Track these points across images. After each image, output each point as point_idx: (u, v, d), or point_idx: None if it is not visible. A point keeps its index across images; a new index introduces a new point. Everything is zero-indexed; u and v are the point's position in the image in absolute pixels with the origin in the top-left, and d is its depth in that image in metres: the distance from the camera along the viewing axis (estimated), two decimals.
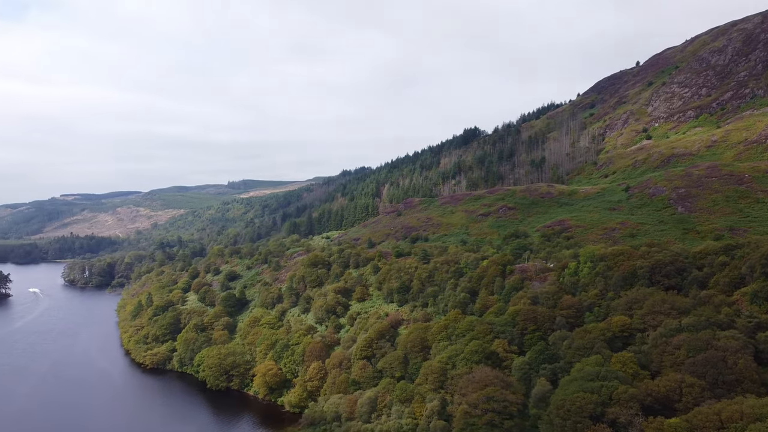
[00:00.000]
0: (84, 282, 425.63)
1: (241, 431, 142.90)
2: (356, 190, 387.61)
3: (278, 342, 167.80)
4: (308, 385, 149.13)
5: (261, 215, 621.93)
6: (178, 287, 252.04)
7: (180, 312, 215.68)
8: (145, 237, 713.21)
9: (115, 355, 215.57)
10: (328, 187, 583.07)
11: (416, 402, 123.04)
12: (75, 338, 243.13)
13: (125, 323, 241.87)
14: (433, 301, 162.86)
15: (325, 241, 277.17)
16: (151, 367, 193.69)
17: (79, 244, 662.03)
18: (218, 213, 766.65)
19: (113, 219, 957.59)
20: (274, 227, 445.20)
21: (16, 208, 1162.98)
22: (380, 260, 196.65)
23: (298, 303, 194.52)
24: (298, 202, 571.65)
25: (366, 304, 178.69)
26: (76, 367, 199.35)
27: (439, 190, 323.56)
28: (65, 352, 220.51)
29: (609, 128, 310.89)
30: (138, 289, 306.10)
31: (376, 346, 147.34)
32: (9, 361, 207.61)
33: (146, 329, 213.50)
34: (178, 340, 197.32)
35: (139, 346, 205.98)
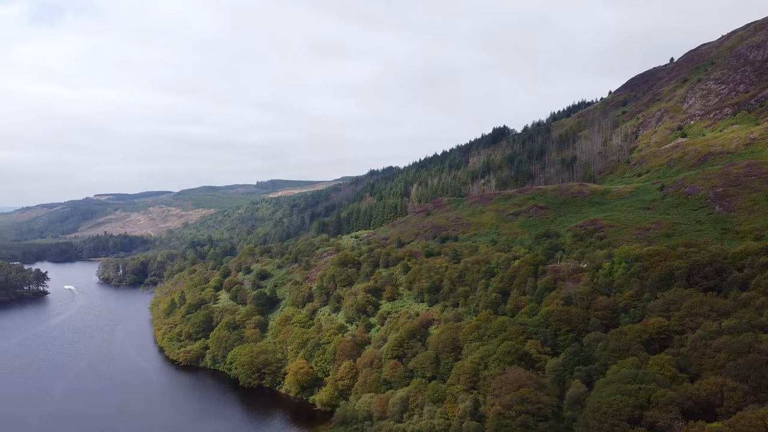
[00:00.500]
0: (118, 280, 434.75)
1: (274, 429, 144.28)
2: (384, 190, 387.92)
3: (309, 341, 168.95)
4: (339, 383, 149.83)
5: (289, 215, 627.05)
6: (210, 286, 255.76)
7: (212, 310, 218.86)
8: (176, 236, 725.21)
9: (149, 352, 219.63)
10: (356, 187, 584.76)
11: (448, 402, 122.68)
12: (111, 335, 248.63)
13: (159, 321, 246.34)
14: (464, 301, 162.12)
15: (354, 241, 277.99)
16: (184, 364, 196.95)
17: (112, 243, 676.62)
18: (247, 212, 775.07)
19: (145, 218, 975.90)
20: (303, 227, 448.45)
21: (52, 208, 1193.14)
22: (410, 260, 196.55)
23: (328, 302, 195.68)
24: (326, 202, 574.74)
25: (396, 304, 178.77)
26: (113, 363, 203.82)
27: (468, 190, 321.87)
28: (102, 348, 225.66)
29: (642, 126, 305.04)
30: (170, 287, 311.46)
31: (407, 345, 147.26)
32: (48, 356, 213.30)
33: (179, 327, 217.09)
34: (210, 337, 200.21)
35: (173, 343, 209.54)
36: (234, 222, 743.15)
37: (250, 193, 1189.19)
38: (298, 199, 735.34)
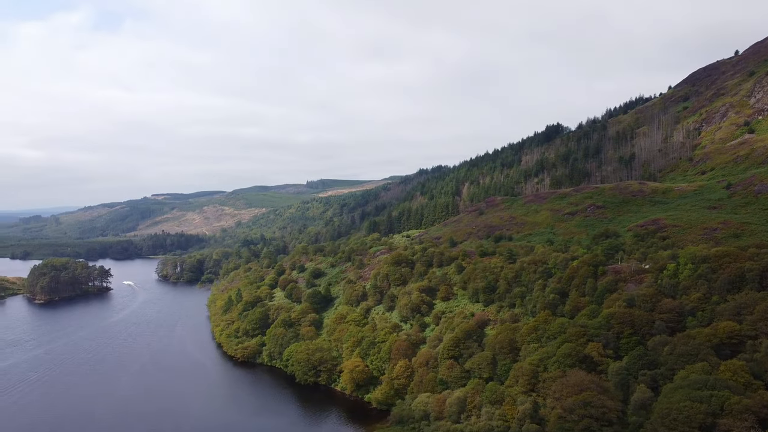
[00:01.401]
0: (176, 277, 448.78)
1: (330, 426, 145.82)
2: (435, 189, 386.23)
3: (364, 339, 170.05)
4: (395, 382, 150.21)
5: (339, 214, 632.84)
6: (265, 284, 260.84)
7: (268, 308, 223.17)
8: (229, 235, 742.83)
9: (207, 348, 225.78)
10: (405, 186, 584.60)
11: (507, 404, 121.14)
12: (170, 330, 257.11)
13: (216, 317, 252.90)
14: (520, 301, 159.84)
15: (405, 240, 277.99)
16: (242, 360, 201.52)
17: (170, 241, 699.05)
18: (298, 212, 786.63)
19: (200, 217, 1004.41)
20: (353, 226, 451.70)
21: (113, 207, 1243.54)
22: (464, 259, 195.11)
23: (382, 301, 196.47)
24: (376, 201, 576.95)
25: (451, 303, 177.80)
26: (173, 358, 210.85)
27: (521, 189, 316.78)
28: (162, 342, 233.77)
29: (705, 122, 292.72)
30: (226, 284, 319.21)
31: (463, 345, 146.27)
32: (113, 350, 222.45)
33: (237, 324, 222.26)
34: (267, 334, 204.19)
35: (231, 339, 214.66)
36: (285, 221, 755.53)
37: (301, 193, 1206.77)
38: (347, 198, 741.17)
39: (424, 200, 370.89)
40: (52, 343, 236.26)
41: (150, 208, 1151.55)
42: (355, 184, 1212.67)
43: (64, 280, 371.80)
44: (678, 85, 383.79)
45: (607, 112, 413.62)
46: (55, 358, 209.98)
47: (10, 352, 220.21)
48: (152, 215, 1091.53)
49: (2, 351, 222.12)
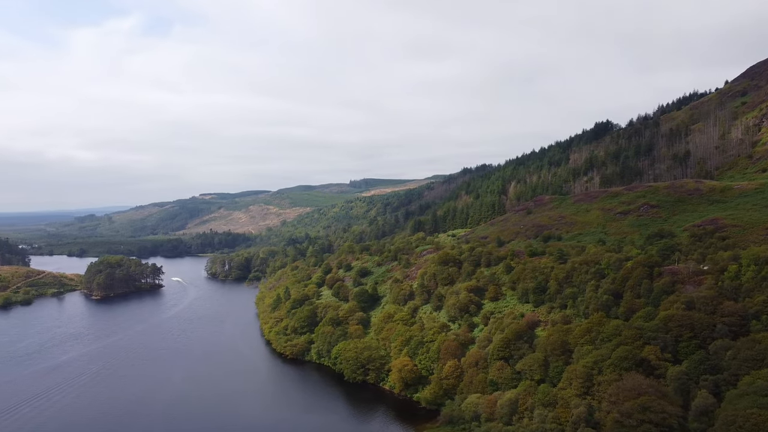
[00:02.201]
0: (224, 275, 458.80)
1: (379, 424, 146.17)
2: (481, 188, 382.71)
3: (412, 339, 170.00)
4: (444, 382, 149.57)
5: (383, 213, 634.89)
6: (312, 282, 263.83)
7: (316, 306, 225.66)
8: (275, 233, 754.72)
9: (256, 344, 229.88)
10: (449, 185, 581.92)
11: (560, 407, 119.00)
12: (221, 327, 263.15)
13: (265, 315, 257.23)
14: (572, 302, 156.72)
15: (451, 239, 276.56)
16: (291, 357, 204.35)
17: (218, 240, 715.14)
18: (342, 211, 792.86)
19: (246, 216, 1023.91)
20: (397, 225, 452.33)
21: (162, 207, 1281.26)
22: (513, 259, 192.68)
23: (429, 300, 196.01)
24: (420, 200, 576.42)
25: (500, 304, 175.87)
26: (225, 353, 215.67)
27: (569, 187, 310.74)
28: (213, 339, 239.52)
29: (766, 117, 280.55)
30: (274, 282, 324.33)
31: (514, 347, 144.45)
32: (167, 345, 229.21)
33: (285, 321, 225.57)
34: (315, 332, 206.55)
35: (279, 337, 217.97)
36: (330, 220, 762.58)
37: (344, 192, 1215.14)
38: (391, 197, 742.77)
39: (470, 199, 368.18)
40: (109, 337, 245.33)
41: (198, 208, 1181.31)
42: (397, 183, 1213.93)
43: (118, 277, 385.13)
44: (735, 80, 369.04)
45: (659, 108, 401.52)
46: (112, 352, 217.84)
47: (70, 346, 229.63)
48: (200, 214, 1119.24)
49: (64, 344, 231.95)
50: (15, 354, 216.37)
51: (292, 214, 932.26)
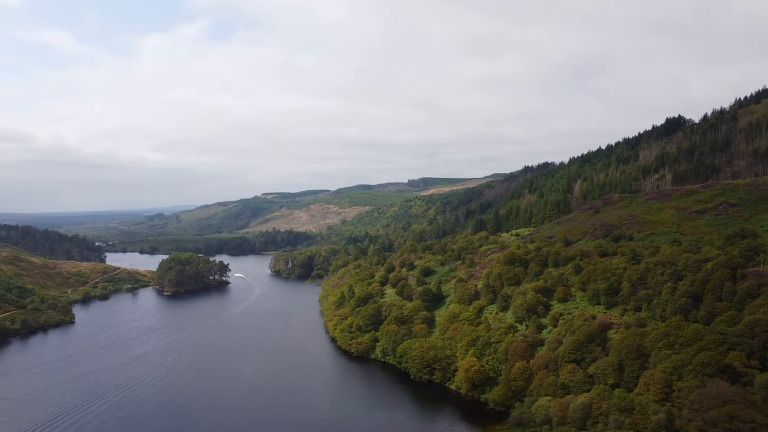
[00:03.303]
0: (287, 273, 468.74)
1: (446, 424, 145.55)
2: (545, 187, 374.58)
3: (479, 339, 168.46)
4: (513, 384, 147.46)
5: (442, 212, 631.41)
6: (375, 280, 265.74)
7: (380, 304, 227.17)
8: (335, 232, 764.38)
9: (321, 341, 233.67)
10: (510, 184, 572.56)
11: (637, 413, 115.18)
12: (287, 323, 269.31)
13: (329, 312, 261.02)
14: (646, 305, 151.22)
15: (514, 239, 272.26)
16: (355, 354, 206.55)
17: (280, 238, 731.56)
18: (401, 210, 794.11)
19: (306, 215, 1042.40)
20: (458, 224, 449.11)
21: (226, 206, 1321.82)
22: (582, 259, 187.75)
23: (495, 300, 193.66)
24: (480, 199, 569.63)
25: (569, 305, 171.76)
26: (291, 349, 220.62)
27: (639, 186, 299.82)
28: (280, 334, 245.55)
29: None
30: (337, 281, 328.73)
31: (586, 349, 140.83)
32: (237, 340, 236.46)
33: (350, 319, 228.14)
34: (380, 330, 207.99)
35: (344, 334, 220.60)
36: (389, 219, 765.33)
37: (402, 191, 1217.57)
38: (450, 196, 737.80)
39: (533, 198, 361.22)
40: (182, 331, 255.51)
41: (260, 207, 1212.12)
42: (456, 182, 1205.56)
43: (188, 273, 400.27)
44: None
45: (735, 102, 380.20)
46: (186, 345, 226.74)
47: (146, 339, 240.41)
48: (262, 213, 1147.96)
49: (141, 337, 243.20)
50: (97, 345, 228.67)
51: (351, 213, 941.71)
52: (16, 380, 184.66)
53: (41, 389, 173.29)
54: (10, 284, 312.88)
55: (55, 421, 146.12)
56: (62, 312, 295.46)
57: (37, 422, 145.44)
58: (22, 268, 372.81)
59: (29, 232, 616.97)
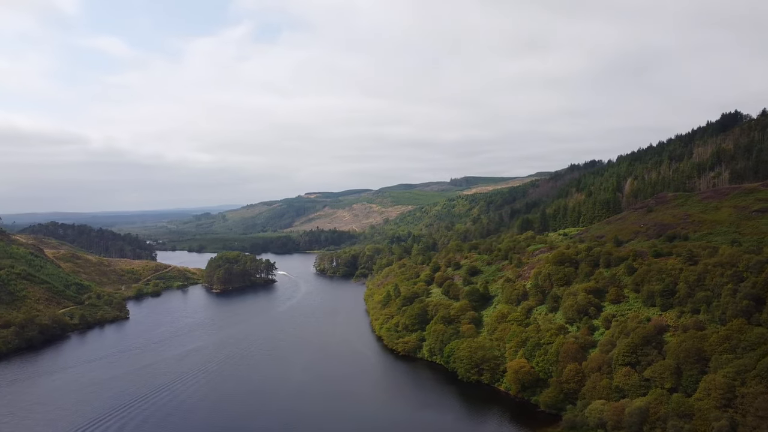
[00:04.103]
0: (332, 271, 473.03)
1: (495, 425, 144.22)
2: (593, 185, 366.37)
3: (529, 340, 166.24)
4: (564, 386, 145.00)
5: (486, 211, 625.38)
6: (421, 280, 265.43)
7: (426, 304, 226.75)
8: (377, 231, 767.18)
9: (368, 340, 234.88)
10: (555, 182, 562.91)
11: (697, 419, 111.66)
12: (333, 321, 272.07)
13: (375, 311, 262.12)
14: (705, 307, 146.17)
15: (562, 238, 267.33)
16: (402, 353, 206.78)
17: (324, 237, 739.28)
18: (444, 209, 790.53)
19: (349, 215, 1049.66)
20: (502, 223, 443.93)
21: (271, 205, 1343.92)
22: (635, 260, 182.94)
23: (545, 301, 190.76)
24: (525, 198, 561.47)
25: (622, 306, 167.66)
26: (339, 347, 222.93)
27: (693, 184, 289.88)
28: (327, 332, 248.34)
29: None
30: (381, 280, 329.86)
31: (641, 352, 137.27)
32: (285, 337, 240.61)
33: (396, 318, 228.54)
34: (426, 330, 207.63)
35: (391, 333, 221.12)
36: (431, 218, 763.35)
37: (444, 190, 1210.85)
38: (494, 195, 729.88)
39: (581, 197, 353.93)
40: (232, 327, 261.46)
41: (304, 206, 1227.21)
42: (499, 180, 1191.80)
43: (236, 271, 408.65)
44: None
45: None
46: (236, 342, 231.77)
47: (198, 335, 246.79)
48: (306, 212, 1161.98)
49: (193, 333, 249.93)
50: (152, 340, 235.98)
51: (394, 213, 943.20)
52: (77, 373, 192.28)
53: (101, 382, 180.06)
54: (69, 281, 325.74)
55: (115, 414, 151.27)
56: (117, 308, 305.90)
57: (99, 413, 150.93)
58: (79, 266, 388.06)
59: (85, 230, 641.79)
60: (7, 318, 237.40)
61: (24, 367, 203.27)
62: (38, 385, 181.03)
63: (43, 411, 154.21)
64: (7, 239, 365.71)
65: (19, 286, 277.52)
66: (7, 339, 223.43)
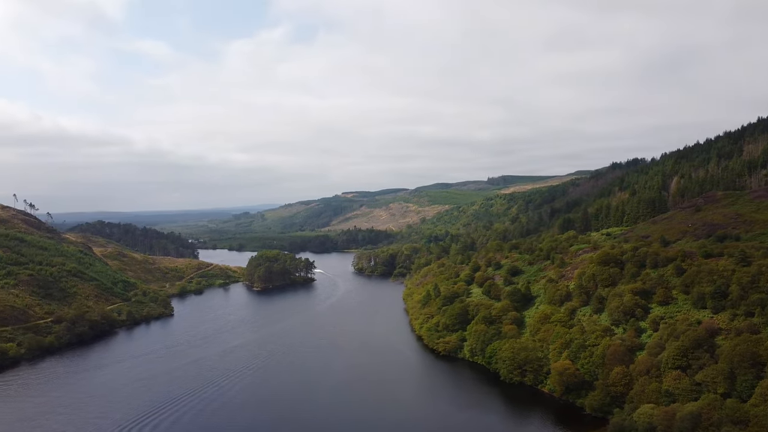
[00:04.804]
0: (370, 270, 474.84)
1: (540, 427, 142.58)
2: (637, 184, 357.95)
3: (573, 341, 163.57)
4: (611, 389, 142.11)
5: (524, 210, 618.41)
6: (460, 279, 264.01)
7: (467, 303, 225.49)
8: (415, 231, 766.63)
9: (408, 339, 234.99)
10: (596, 181, 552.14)
11: (753, 425, 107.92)
12: (373, 319, 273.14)
13: (414, 311, 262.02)
14: (760, 310, 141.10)
15: (606, 238, 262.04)
16: (443, 353, 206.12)
17: (361, 236, 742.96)
18: (482, 209, 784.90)
19: (386, 214, 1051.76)
20: (542, 223, 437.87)
21: (308, 204, 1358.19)
22: (684, 260, 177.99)
23: (589, 302, 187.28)
24: (565, 197, 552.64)
25: (670, 308, 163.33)
26: (379, 345, 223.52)
27: (744, 182, 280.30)
28: (367, 330, 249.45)
29: None
30: (420, 279, 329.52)
31: (692, 356, 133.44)
32: (325, 334, 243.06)
33: (436, 318, 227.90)
34: (467, 330, 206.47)
35: (431, 333, 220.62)
36: (469, 218, 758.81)
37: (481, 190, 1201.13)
38: (533, 194, 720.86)
39: (625, 196, 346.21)
40: (273, 325, 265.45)
41: (341, 205, 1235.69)
42: (537, 179, 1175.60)
43: (276, 270, 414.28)
44: None
45: None
46: (278, 339, 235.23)
47: (240, 332, 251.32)
48: (343, 212, 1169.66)
49: (235, 330, 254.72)
50: (196, 337, 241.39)
51: (430, 212, 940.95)
52: (126, 367, 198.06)
53: (150, 376, 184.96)
54: (116, 278, 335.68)
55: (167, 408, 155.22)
56: (162, 305, 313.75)
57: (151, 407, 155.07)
58: (125, 264, 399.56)
59: (130, 229, 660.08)
60: (60, 314, 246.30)
61: (76, 361, 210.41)
62: (90, 378, 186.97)
63: (95, 404, 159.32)
64: (58, 237, 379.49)
65: (70, 283, 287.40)
66: (60, 334, 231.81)
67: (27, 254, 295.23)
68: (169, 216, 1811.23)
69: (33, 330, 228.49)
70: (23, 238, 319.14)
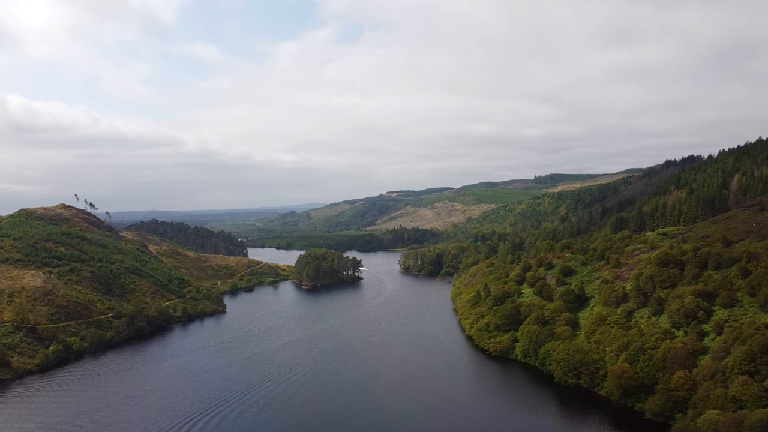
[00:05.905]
0: (417, 269, 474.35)
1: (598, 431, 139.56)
2: (695, 182, 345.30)
3: (632, 344, 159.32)
4: (673, 394, 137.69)
5: (574, 209, 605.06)
6: (511, 279, 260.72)
7: (518, 304, 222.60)
8: (460, 230, 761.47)
9: (457, 338, 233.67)
10: (650, 179, 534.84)
11: None
12: (422, 318, 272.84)
13: (464, 311, 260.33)
14: None
15: (662, 238, 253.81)
16: (494, 354, 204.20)
17: (407, 236, 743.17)
18: (529, 208, 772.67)
19: (431, 213, 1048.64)
20: (592, 222, 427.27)
21: (354, 204, 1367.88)
22: (749, 261, 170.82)
23: (647, 304, 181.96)
24: (617, 196, 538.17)
25: (735, 311, 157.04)
26: (429, 344, 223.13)
27: None
28: (417, 329, 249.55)
29: None
30: (469, 279, 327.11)
31: (761, 361, 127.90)
32: (375, 333, 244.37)
33: (487, 318, 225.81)
34: (519, 331, 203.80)
35: (482, 333, 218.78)
36: (516, 217, 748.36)
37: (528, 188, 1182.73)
38: (582, 193, 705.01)
39: (682, 194, 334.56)
40: (323, 322, 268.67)
41: (386, 205, 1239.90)
42: (586, 178, 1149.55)
43: (324, 268, 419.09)
44: None
45: None
46: (329, 336, 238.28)
47: (291, 329, 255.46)
48: (388, 211, 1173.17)
49: (286, 327, 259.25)
50: (249, 333, 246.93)
51: (476, 211, 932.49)
52: (184, 362, 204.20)
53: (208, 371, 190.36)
54: (171, 275, 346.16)
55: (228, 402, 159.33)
56: (215, 302, 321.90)
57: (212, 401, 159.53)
58: (179, 261, 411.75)
59: (182, 228, 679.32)
60: (119, 309, 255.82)
61: (135, 355, 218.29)
62: (149, 372, 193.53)
63: (155, 397, 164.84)
64: (116, 236, 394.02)
65: (129, 279, 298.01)
66: (120, 329, 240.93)
67: (88, 252, 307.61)
68: (218, 215, 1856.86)
69: (95, 325, 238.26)
70: (84, 236, 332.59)
